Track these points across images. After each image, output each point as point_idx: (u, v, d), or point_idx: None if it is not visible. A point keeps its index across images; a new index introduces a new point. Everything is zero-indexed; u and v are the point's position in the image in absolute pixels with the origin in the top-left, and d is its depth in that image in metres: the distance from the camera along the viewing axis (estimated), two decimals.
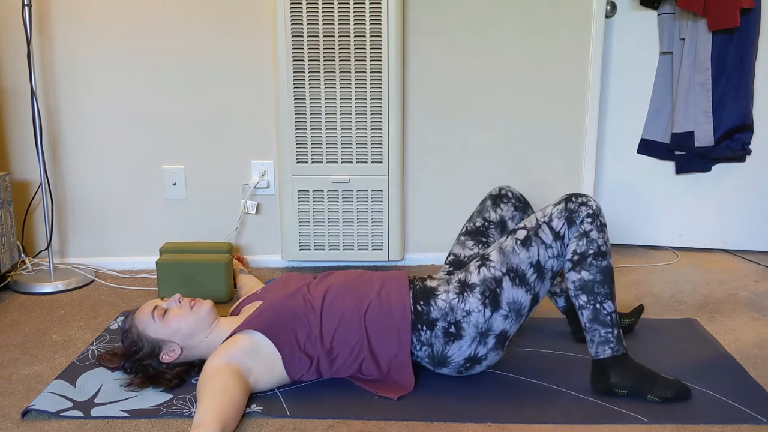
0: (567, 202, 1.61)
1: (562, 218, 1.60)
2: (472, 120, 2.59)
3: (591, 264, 1.59)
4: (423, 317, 1.63)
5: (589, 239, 1.59)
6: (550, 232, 1.60)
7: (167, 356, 1.66)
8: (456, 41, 2.52)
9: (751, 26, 2.52)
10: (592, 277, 1.59)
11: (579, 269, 1.59)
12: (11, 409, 1.59)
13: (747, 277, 2.51)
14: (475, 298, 1.61)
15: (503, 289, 1.60)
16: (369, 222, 2.54)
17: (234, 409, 1.46)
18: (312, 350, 1.63)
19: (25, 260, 2.57)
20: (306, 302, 1.67)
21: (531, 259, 1.60)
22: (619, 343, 1.61)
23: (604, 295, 1.60)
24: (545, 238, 1.60)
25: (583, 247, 1.59)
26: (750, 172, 2.72)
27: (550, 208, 1.62)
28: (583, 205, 1.60)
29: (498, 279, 1.61)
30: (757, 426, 1.50)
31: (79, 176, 2.60)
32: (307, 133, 2.46)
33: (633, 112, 2.76)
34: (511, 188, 1.95)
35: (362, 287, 1.70)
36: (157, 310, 1.67)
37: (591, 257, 1.59)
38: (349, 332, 1.63)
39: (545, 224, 1.61)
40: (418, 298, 1.66)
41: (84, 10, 2.47)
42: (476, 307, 1.60)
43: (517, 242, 1.62)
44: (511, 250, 1.62)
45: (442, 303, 1.63)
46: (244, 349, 1.58)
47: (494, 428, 1.50)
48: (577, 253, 1.60)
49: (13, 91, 2.52)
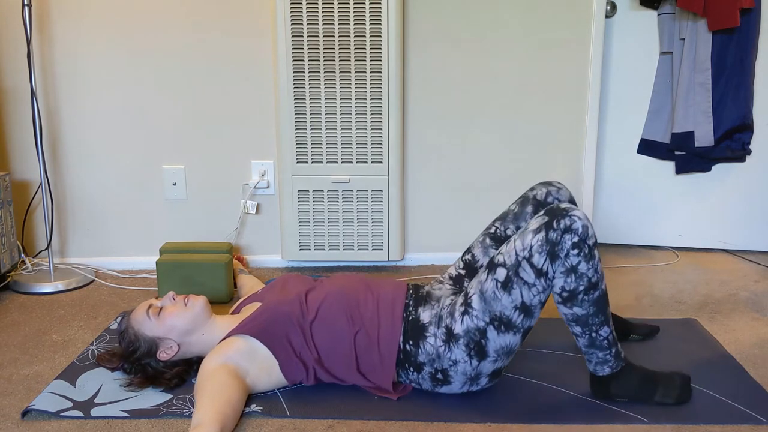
0: (548, 230, 1.43)
1: (543, 253, 1.43)
2: (473, 120, 2.59)
3: (582, 300, 1.47)
4: (411, 358, 1.58)
5: (578, 274, 1.44)
6: (531, 270, 1.45)
7: (165, 354, 1.66)
8: (456, 41, 2.52)
9: (751, 26, 2.52)
10: (585, 312, 1.48)
11: (570, 305, 1.48)
12: (11, 409, 1.59)
13: (747, 277, 2.51)
14: (460, 350, 1.53)
15: (488, 339, 1.51)
16: (369, 222, 2.54)
17: (232, 408, 1.46)
18: (307, 358, 1.62)
19: (25, 260, 2.57)
20: (302, 310, 1.64)
21: (515, 302, 1.47)
22: (618, 359, 1.56)
23: (600, 324, 1.50)
24: (527, 278, 1.45)
25: (572, 284, 1.45)
26: (750, 172, 2.72)
27: (530, 238, 1.45)
28: (567, 233, 1.42)
29: (482, 330, 1.50)
30: (757, 426, 1.50)
31: (79, 176, 2.60)
32: (307, 133, 2.46)
33: (633, 112, 2.76)
34: (561, 189, 1.76)
35: (358, 305, 1.64)
36: (152, 309, 1.67)
37: (582, 293, 1.46)
38: (339, 351, 1.61)
39: (525, 260, 1.44)
40: (408, 335, 1.59)
41: (84, 10, 2.47)
42: (462, 358, 1.54)
43: (498, 285, 1.48)
44: (492, 296, 1.48)
45: (430, 348, 1.56)
46: (240, 351, 1.57)
47: (494, 428, 1.50)
48: (566, 290, 1.46)
49: (13, 91, 2.52)
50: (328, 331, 1.62)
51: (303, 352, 1.62)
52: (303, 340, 1.61)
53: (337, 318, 1.62)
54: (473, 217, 2.67)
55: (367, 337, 1.60)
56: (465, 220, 2.68)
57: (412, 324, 1.60)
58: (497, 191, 2.65)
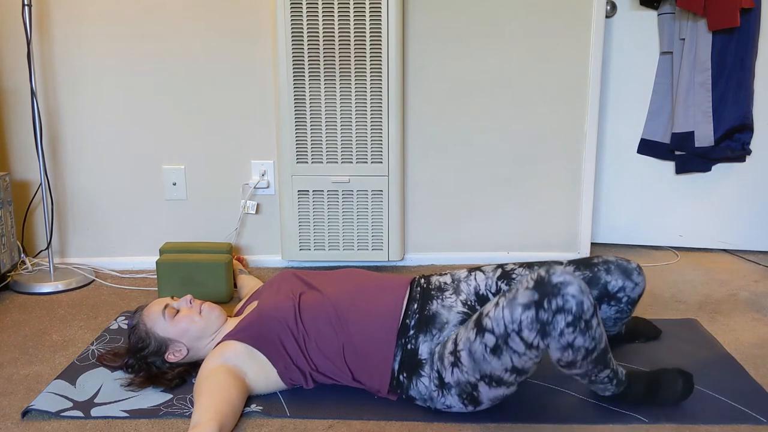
0: (538, 309, 1.29)
1: (533, 330, 1.30)
2: (473, 120, 2.59)
3: (581, 365, 1.38)
4: (403, 387, 1.55)
5: (575, 348, 1.33)
6: (521, 343, 1.33)
7: (173, 356, 1.66)
8: (456, 41, 2.52)
9: (751, 26, 2.52)
10: (584, 370, 1.41)
11: (569, 370, 1.41)
12: (11, 409, 1.59)
13: (747, 277, 2.51)
14: (453, 398, 1.49)
15: (480, 392, 1.45)
16: (369, 222, 2.54)
17: (231, 408, 1.46)
18: (302, 365, 1.61)
19: (25, 260, 2.57)
20: (295, 319, 1.61)
21: (505, 366, 1.37)
22: (620, 385, 1.53)
23: (600, 370, 1.44)
24: (517, 348, 1.34)
25: (570, 356, 1.34)
26: (750, 172, 2.72)
27: (519, 312, 1.31)
28: (559, 313, 1.28)
29: (473, 384, 1.43)
30: (757, 426, 1.50)
31: (79, 176, 2.60)
32: (307, 133, 2.46)
33: (633, 113, 2.76)
34: (637, 288, 1.63)
35: (346, 325, 1.58)
36: (168, 309, 1.67)
37: (581, 360, 1.36)
38: (333, 362, 1.59)
39: (515, 333, 1.32)
40: (404, 366, 1.53)
41: (84, 11, 2.47)
42: (457, 405, 1.50)
43: (487, 349, 1.37)
44: (481, 358, 1.38)
45: (423, 388, 1.52)
46: (238, 353, 1.57)
47: (493, 428, 1.50)
48: (563, 361, 1.37)
49: (13, 91, 2.53)
50: (318, 346, 1.60)
51: (298, 359, 1.60)
52: (297, 348, 1.60)
53: (326, 333, 1.59)
54: (473, 217, 2.68)
55: (355, 354, 1.57)
56: (465, 220, 2.68)
57: (409, 354, 1.53)
58: (497, 191, 2.65)
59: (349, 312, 1.60)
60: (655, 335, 1.94)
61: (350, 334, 1.57)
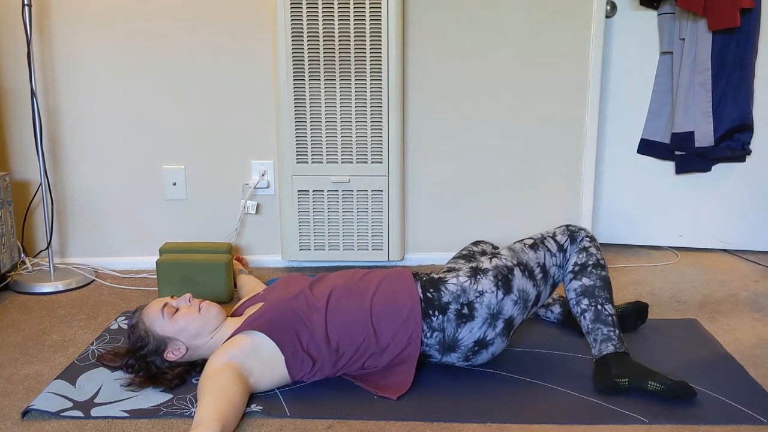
0: (567, 227, 1.81)
1: (565, 235, 1.79)
2: (473, 120, 2.59)
3: (591, 272, 1.73)
4: (434, 303, 1.67)
5: (589, 253, 1.76)
6: (554, 244, 1.77)
7: (172, 354, 1.67)
8: (456, 41, 2.52)
9: (751, 26, 2.52)
10: (592, 283, 1.72)
11: (580, 277, 1.73)
12: (11, 409, 1.59)
13: (747, 277, 2.51)
14: (488, 280, 1.68)
15: (515, 276, 1.70)
16: (369, 222, 2.54)
17: (234, 408, 1.46)
18: (315, 351, 1.63)
19: (25, 260, 2.57)
20: (309, 303, 1.68)
21: (538, 259, 1.74)
22: (621, 342, 1.67)
23: (605, 299, 1.71)
24: (551, 247, 1.76)
25: (583, 258, 1.75)
26: (750, 172, 2.72)
27: (552, 229, 1.82)
28: (582, 230, 1.80)
29: (510, 267, 1.71)
30: (757, 426, 1.50)
31: (79, 176, 2.60)
32: (307, 133, 2.46)
33: (633, 112, 2.76)
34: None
35: (367, 285, 1.73)
36: (167, 308, 1.68)
37: (591, 266, 1.74)
38: (356, 331, 1.64)
39: (550, 238, 1.78)
40: (427, 287, 1.71)
41: (84, 10, 2.47)
42: (489, 288, 1.67)
43: (525, 245, 1.77)
44: (520, 249, 1.76)
45: (453, 287, 1.69)
46: (245, 349, 1.58)
47: (494, 428, 1.50)
48: (578, 264, 1.75)
49: (13, 91, 2.53)
50: (341, 315, 1.65)
51: (311, 345, 1.63)
52: (313, 332, 1.63)
53: (349, 301, 1.68)
54: (473, 217, 2.68)
55: (386, 301, 1.67)
56: (465, 220, 2.68)
57: (427, 281, 1.73)
58: (497, 191, 2.65)
59: (364, 283, 1.74)
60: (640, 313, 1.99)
61: (373, 295, 1.69)
